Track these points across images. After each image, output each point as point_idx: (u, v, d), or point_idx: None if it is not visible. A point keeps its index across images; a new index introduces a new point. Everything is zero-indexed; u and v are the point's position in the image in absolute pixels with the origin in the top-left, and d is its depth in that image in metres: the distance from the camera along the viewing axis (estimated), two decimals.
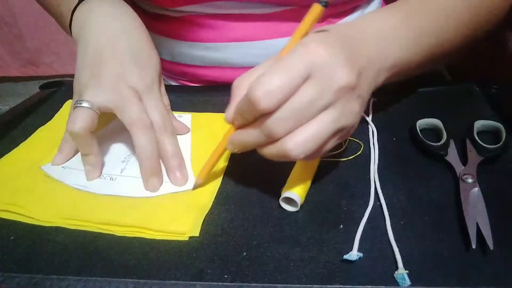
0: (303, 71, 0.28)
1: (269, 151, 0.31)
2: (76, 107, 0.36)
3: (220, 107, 0.49)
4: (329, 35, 0.32)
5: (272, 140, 0.30)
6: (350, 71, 0.29)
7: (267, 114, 0.29)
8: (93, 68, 0.39)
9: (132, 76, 0.39)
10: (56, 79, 0.58)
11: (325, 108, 0.29)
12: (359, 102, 0.31)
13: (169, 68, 0.60)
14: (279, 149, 0.30)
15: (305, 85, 0.28)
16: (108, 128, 0.44)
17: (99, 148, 0.38)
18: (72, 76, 0.41)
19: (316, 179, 0.37)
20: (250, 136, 0.31)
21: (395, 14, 0.39)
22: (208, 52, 0.54)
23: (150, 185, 0.37)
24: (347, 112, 0.30)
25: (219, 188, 0.37)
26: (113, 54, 0.40)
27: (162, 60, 0.56)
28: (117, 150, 0.42)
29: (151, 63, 0.42)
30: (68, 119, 0.36)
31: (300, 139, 0.29)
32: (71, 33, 0.45)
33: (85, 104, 0.36)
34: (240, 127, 0.32)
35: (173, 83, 0.62)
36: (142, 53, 0.42)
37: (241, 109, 0.31)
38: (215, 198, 0.36)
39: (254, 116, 0.30)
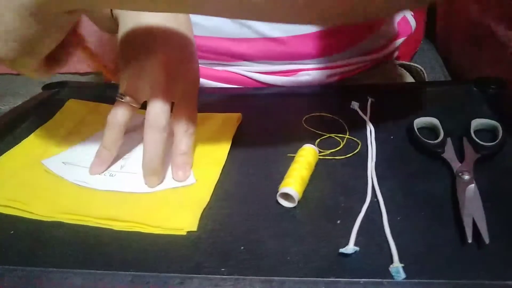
0: None
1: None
2: (118, 100, 0.38)
3: (220, 108, 0.49)
4: None
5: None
6: None
7: None
8: (139, 60, 0.38)
9: (176, 83, 0.38)
10: (58, 80, 0.59)
11: None
12: None
13: None
14: None
15: None
16: None
17: (118, 149, 0.39)
18: (73, 74, 0.41)
19: (313, 176, 0.37)
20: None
21: None
22: (205, 19, 0.53)
23: (148, 181, 0.37)
24: None
25: (217, 184, 0.37)
26: (163, 47, 0.39)
27: None
28: (120, 148, 0.42)
29: (196, 69, 0.42)
30: (111, 110, 0.38)
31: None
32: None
33: (126, 99, 0.38)
34: None
35: None
36: (191, 57, 0.41)
37: None
38: (213, 194, 0.36)
39: None
